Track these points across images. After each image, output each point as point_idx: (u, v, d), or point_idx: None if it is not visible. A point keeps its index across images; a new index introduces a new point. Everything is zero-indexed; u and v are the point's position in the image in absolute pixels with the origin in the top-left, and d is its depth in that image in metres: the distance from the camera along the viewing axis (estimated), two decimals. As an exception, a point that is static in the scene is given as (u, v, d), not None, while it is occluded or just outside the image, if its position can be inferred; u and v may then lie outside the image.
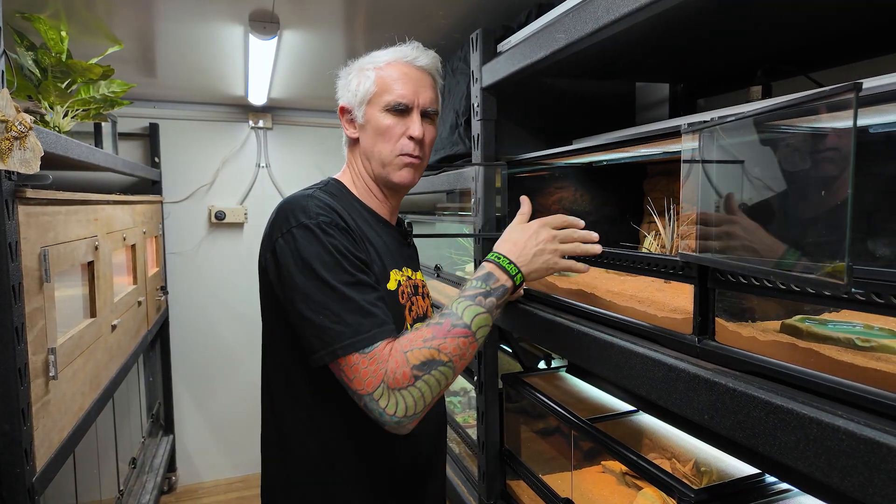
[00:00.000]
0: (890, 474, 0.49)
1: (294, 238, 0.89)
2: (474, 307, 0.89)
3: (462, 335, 0.86)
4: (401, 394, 0.83)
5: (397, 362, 0.84)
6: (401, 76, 1.03)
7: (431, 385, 0.85)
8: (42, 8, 1.57)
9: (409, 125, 1.03)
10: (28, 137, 1.03)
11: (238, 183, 3.28)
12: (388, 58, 1.05)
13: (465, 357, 0.87)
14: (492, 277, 0.92)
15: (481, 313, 0.88)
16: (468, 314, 0.88)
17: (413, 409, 0.84)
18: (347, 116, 1.08)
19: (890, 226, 0.73)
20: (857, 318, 0.62)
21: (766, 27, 0.95)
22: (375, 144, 1.04)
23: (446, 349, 0.85)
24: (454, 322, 0.87)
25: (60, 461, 1.24)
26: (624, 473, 1.16)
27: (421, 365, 0.84)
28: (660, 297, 0.90)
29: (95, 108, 1.80)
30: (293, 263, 0.89)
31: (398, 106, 1.02)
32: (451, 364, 0.86)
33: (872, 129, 0.68)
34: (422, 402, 0.84)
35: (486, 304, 0.90)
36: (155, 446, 2.89)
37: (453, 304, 0.89)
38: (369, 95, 1.03)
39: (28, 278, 1.10)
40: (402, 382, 0.83)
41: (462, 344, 0.86)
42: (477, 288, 0.91)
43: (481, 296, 0.90)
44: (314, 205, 0.93)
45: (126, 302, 1.99)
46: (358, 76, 1.05)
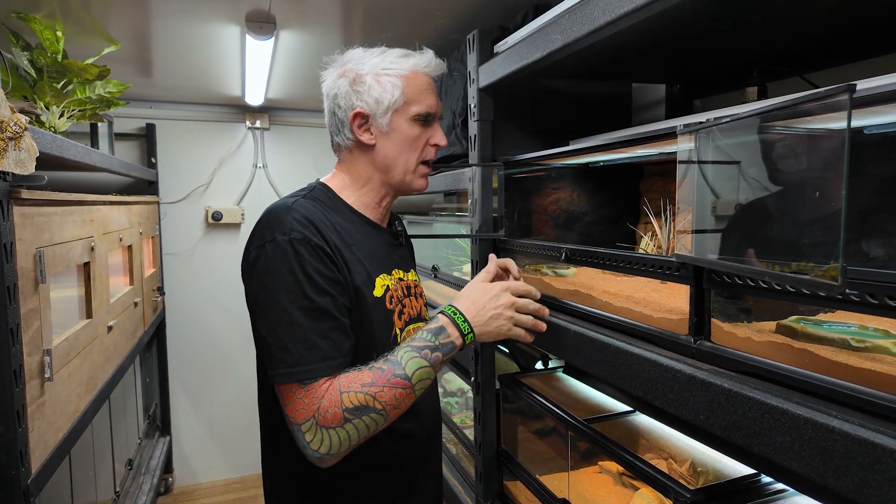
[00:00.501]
0: (885, 474, 0.49)
1: (266, 253, 0.90)
2: (419, 360, 0.90)
3: (401, 386, 0.88)
4: (328, 432, 0.85)
5: (331, 401, 0.85)
6: (427, 86, 1.05)
7: (360, 429, 0.86)
8: (38, 8, 1.57)
9: (432, 134, 1.06)
10: (23, 138, 1.03)
11: (235, 183, 3.27)
12: (411, 65, 1.03)
13: (400, 407, 0.89)
14: (443, 332, 0.94)
15: (424, 367, 0.90)
16: (411, 366, 0.89)
17: (337, 449, 0.85)
18: (362, 122, 1.03)
19: (884, 226, 0.73)
20: (852, 318, 0.62)
21: (761, 28, 0.95)
22: (402, 153, 1.04)
23: (382, 398, 0.87)
24: (396, 372, 0.88)
25: (56, 463, 1.24)
26: (621, 474, 1.16)
27: (354, 409, 0.85)
28: (656, 297, 0.90)
29: (91, 108, 1.79)
30: (259, 278, 0.91)
31: (430, 117, 1.04)
32: (383, 413, 0.87)
33: (867, 130, 0.68)
34: (347, 443, 0.86)
35: (430, 359, 0.91)
36: (151, 447, 2.88)
37: (399, 352, 0.91)
38: (397, 104, 1.02)
39: (23, 279, 1.09)
40: (331, 422, 0.85)
41: (399, 395, 0.88)
42: (426, 340, 0.92)
43: (428, 349, 0.91)
44: (292, 219, 0.93)
45: (122, 303, 1.98)
46: (378, 83, 1.01)
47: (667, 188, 1.27)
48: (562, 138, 1.40)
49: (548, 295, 1.20)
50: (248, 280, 0.93)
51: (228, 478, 3.34)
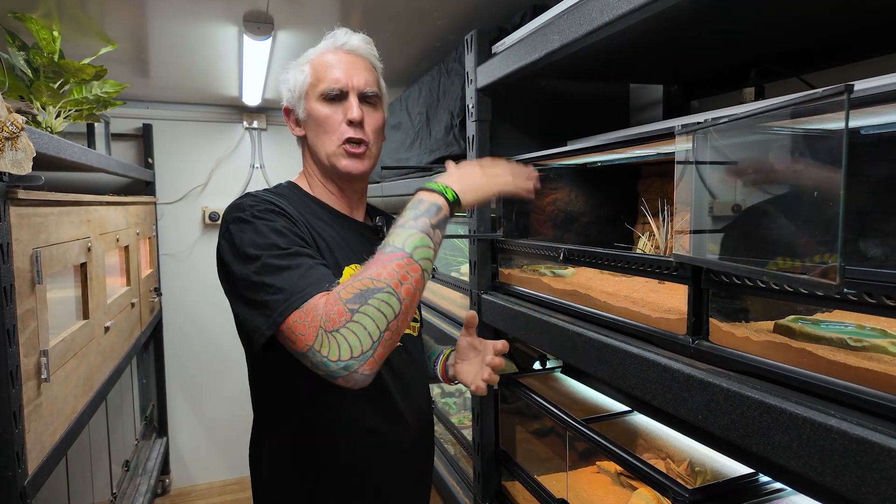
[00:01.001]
0: (882, 473, 0.49)
1: (230, 233, 0.88)
2: (404, 231, 0.83)
3: (396, 258, 0.79)
4: (340, 334, 0.75)
5: (330, 304, 0.77)
6: (333, 62, 1.02)
7: (373, 315, 0.76)
8: (34, 8, 1.56)
9: (346, 110, 1.00)
10: (20, 138, 1.03)
11: (232, 184, 3.26)
12: (321, 48, 1.04)
13: (408, 281, 0.79)
14: (421, 202, 0.88)
15: (414, 234, 0.82)
16: (399, 238, 0.82)
17: (359, 348, 0.75)
18: (292, 116, 1.07)
19: (881, 226, 0.74)
20: (850, 318, 0.63)
21: (758, 29, 0.96)
22: (318, 136, 1.02)
23: (381, 276, 0.78)
24: (385, 251, 0.81)
25: (53, 464, 1.23)
26: (619, 474, 1.17)
27: (354, 298, 0.76)
28: (654, 297, 0.90)
29: (88, 108, 1.79)
30: (231, 256, 0.87)
31: (332, 92, 1.00)
32: (389, 289, 0.77)
33: (864, 130, 0.68)
34: (367, 337, 0.75)
35: (418, 225, 0.84)
36: (148, 448, 2.87)
37: (385, 241, 0.84)
38: (305, 88, 1.02)
39: (20, 280, 1.09)
40: (337, 322, 0.75)
41: (398, 266, 0.79)
42: (406, 217, 0.86)
43: (411, 220, 0.85)
44: (250, 200, 0.92)
45: (119, 303, 1.98)
46: (294, 73, 1.04)
47: (664, 188, 1.28)
48: (560, 139, 1.40)
49: (546, 295, 1.20)
50: (221, 266, 0.90)
51: (226, 479, 3.33)
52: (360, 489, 1.00)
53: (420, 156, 1.94)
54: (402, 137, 2.16)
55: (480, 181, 0.94)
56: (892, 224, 0.72)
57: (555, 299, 1.16)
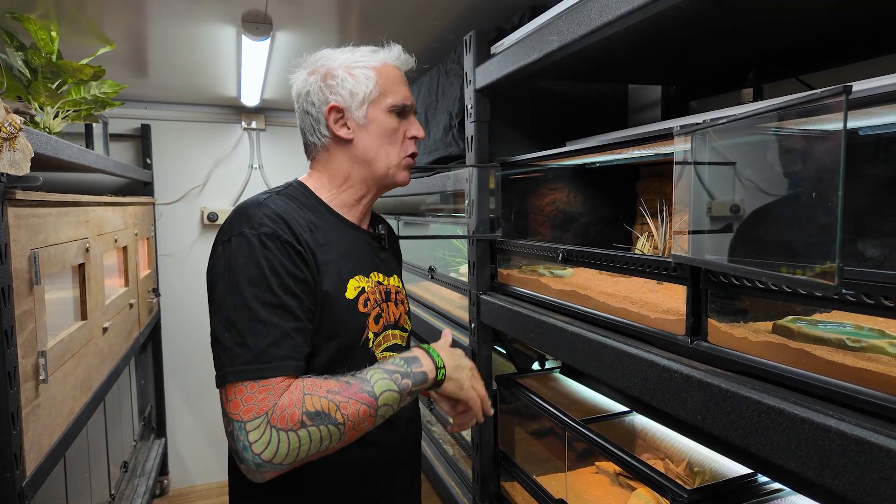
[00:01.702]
0: (881, 473, 0.49)
1: (231, 248, 0.87)
2: (388, 382, 0.86)
3: (365, 402, 0.83)
4: (279, 434, 0.77)
5: (291, 401, 0.79)
6: (400, 79, 1.04)
7: (314, 440, 0.79)
8: (32, 8, 1.56)
9: (409, 126, 1.04)
10: (18, 138, 1.03)
11: (231, 184, 3.26)
12: (382, 58, 1.03)
13: (358, 428, 0.84)
14: (416, 362, 0.91)
15: (391, 390, 0.86)
16: (380, 386, 0.85)
17: (283, 457, 0.77)
18: (338, 116, 1.01)
19: (880, 227, 0.74)
20: (848, 318, 0.63)
21: (757, 30, 0.96)
22: (382, 146, 1.02)
23: (346, 410, 0.81)
24: (363, 388, 0.84)
25: (51, 465, 1.23)
26: (617, 474, 1.17)
27: (314, 414, 0.79)
28: (653, 298, 0.90)
29: (86, 108, 1.78)
30: (222, 273, 0.86)
31: (406, 108, 1.03)
32: (342, 426, 0.81)
33: (862, 131, 0.69)
34: (295, 452, 0.78)
35: (400, 385, 0.87)
36: (147, 449, 2.87)
37: (369, 372, 0.87)
38: (372, 96, 1.00)
39: (18, 280, 1.09)
40: (287, 423, 0.78)
41: (362, 412, 0.83)
42: (398, 366, 0.89)
43: (399, 374, 0.88)
44: (261, 214, 0.89)
45: (117, 304, 1.98)
46: (351, 75, 1.00)
47: (663, 189, 1.28)
48: (558, 139, 1.40)
49: (545, 296, 1.20)
50: (210, 277, 0.89)
51: (224, 480, 3.31)
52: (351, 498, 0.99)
53: (419, 156, 1.94)
54: (400, 138, 2.15)
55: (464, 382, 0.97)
56: (891, 224, 0.73)
57: (553, 300, 1.16)
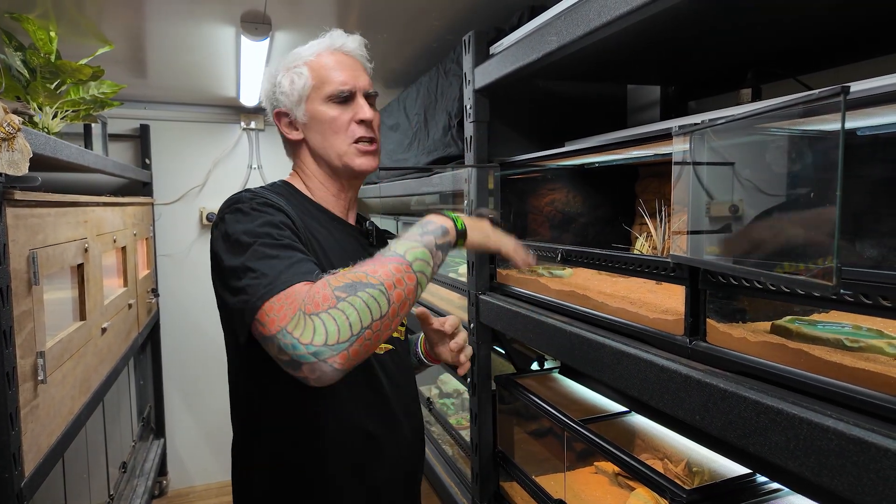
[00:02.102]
0: (878, 473, 0.50)
1: (224, 223, 0.87)
2: (408, 242, 0.81)
3: (394, 261, 0.77)
4: (320, 318, 0.69)
5: (317, 288, 0.73)
6: (336, 64, 1.01)
7: (359, 308, 0.70)
8: (31, 8, 1.56)
9: (356, 110, 1.00)
10: (16, 139, 1.02)
11: (230, 184, 3.26)
12: (316, 49, 1.03)
13: (402, 286, 0.75)
14: (429, 223, 0.86)
15: (415, 247, 0.80)
16: (401, 247, 0.80)
17: (335, 336, 0.68)
18: (286, 120, 1.05)
19: (878, 227, 0.74)
20: (846, 318, 0.63)
21: (755, 31, 0.96)
22: (326, 138, 1.01)
23: (376, 273, 0.74)
24: (385, 255, 0.79)
25: (49, 466, 1.23)
26: (616, 474, 1.17)
27: (345, 286, 0.72)
28: (651, 298, 0.90)
29: (85, 109, 1.78)
30: (223, 244, 0.85)
31: (342, 94, 1.00)
32: (382, 288, 0.73)
33: (860, 131, 0.69)
34: (347, 328, 0.69)
35: (423, 240, 0.82)
36: (146, 450, 2.87)
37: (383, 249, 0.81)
38: (307, 91, 1.00)
39: (16, 281, 1.09)
40: (320, 305, 0.70)
41: (395, 269, 0.75)
42: (412, 232, 0.84)
43: (417, 234, 0.83)
44: (248, 194, 0.91)
45: (116, 304, 1.97)
46: (288, 75, 1.02)
47: (662, 189, 1.28)
48: (557, 140, 1.40)
49: (544, 296, 1.20)
50: (213, 254, 0.88)
51: (223, 480, 3.33)
52: (356, 495, 0.99)
53: (418, 157, 1.94)
54: (399, 138, 2.16)
55: (489, 232, 0.93)
56: (889, 225, 0.73)
57: (552, 300, 1.16)
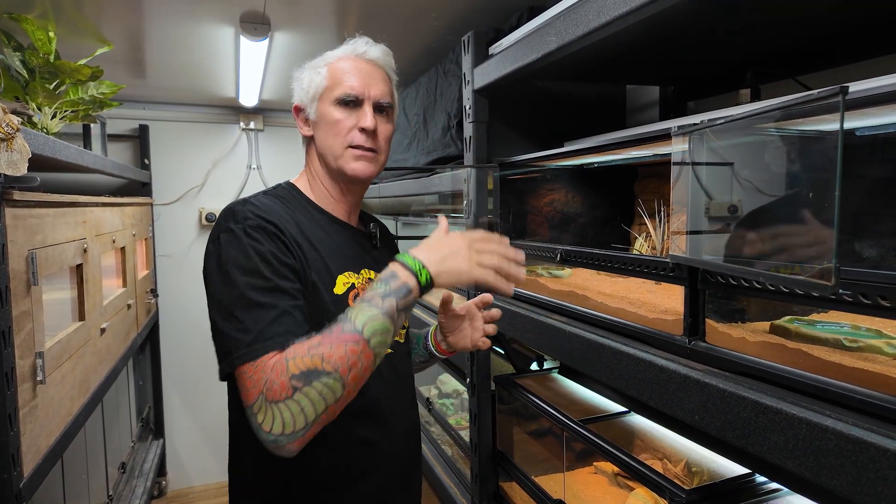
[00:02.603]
0: (877, 473, 0.50)
1: (219, 244, 0.89)
2: (369, 309, 0.81)
3: (351, 341, 0.78)
4: (277, 407, 0.76)
5: (278, 371, 0.77)
6: (351, 69, 1.02)
7: (313, 399, 0.76)
8: (29, 8, 1.56)
9: (360, 117, 1.01)
10: (15, 139, 1.02)
11: (229, 185, 3.26)
12: (340, 53, 1.05)
13: (357, 367, 0.79)
14: (394, 277, 0.85)
15: (375, 317, 0.81)
16: (361, 318, 0.80)
17: (291, 427, 0.76)
18: (302, 115, 1.07)
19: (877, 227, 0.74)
20: (845, 318, 0.63)
21: (754, 31, 0.96)
22: (327, 138, 1.02)
23: (331, 358, 0.77)
24: (344, 328, 0.80)
25: (48, 466, 1.23)
26: (616, 474, 1.17)
27: (301, 375, 0.77)
28: (651, 298, 0.90)
29: (84, 109, 1.78)
30: (214, 268, 0.89)
31: (348, 98, 1.00)
32: (336, 375, 0.77)
33: (859, 132, 0.69)
34: (302, 418, 0.76)
35: (383, 307, 0.82)
36: (145, 450, 2.86)
37: (349, 310, 0.82)
38: (321, 91, 1.02)
39: (15, 281, 1.08)
40: (279, 394, 0.76)
41: (351, 352, 0.78)
42: (375, 290, 0.84)
43: (378, 297, 0.83)
44: (246, 210, 0.92)
45: (115, 305, 1.97)
46: (310, 74, 1.05)
47: (661, 189, 1.28)
48: (557, 140, 1.40)
49: (543, 296, 1.20)
50: (205, 274, 0.91)
51: (222, 480, 3.32)
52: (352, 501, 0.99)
53: (417, 157, 1.94)
54: (399, 138, 2.16)
55: (462, 266, 0.88)
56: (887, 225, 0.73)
57: (552, 300, 1.16)
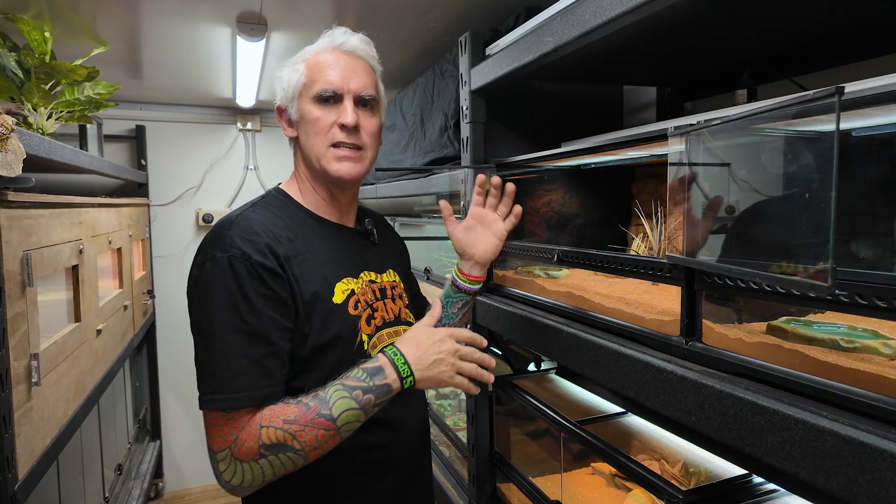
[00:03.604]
0: (874, 474, 0.50)
1: (204, 271, 0.89)
2: (348, 400, 0.84)
3: (323, 427, 0.83)
4: (241, 465, 0.83)
5: (249, 434, 0.82)
6: (329, 63, 0.98)
7: (275, 466, 0.83)
8: (25, 8, 1.55)
9: (339, 113, 0.96)
10: (10, 140, 1.02)
11: (226, 186, 3.25)
12: (317, 47, 1.01)
13: (322, 448, 0.85)
14: (380, 373, 0.87)
15: (353, 409, 0.84)
16: (338, 406, 0.84)
17: (249, 483, 0.83)
18: (284, 116, 1.03)
19: (873, 228, 0.74)
20: (842, 319, 0.63)
21: (751, 32, 0.96)
22: (309, 138, 0.98)
23: (302, 437, 0.83)
24: (321, 411, 0.83)
25: (44, 469, 1.22)
26: (613, 475, 1.17)
27: (271, 446, 0.82)
28: (647, 299, 0.90)
29: (80, 109, 1.77)
30: (197, 298, 0.89)
31: (325, 93, 0.96)
32: (302, 453, 0.84)
33: (855, 132, 0.69)
34: (260, 478, 0.84)
35: (361, 401, 0.85)
36: (141, 452, 2.85)
37: (329, 389, 0.85)
38: (299, 88, 0.98)
39: (10, 282, 1.08)
40: (246, 456, 0.82)
41: (321, 437, 0.84)
42: (360, 380, 0.86)
43: (360, 390, 0.86)
44: (232, 234, 0.89)
45: (111, 306, 1.96)
46: (289, 71, 1.00)
47: (658, 190, 1.28)
48: (554, 140, 1.40)
49: (540, 297, 1.20)
50: (189, 299, 0.92)
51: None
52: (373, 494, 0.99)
53: (414, 157, 1.94)
54: (396, 139, 2.15)
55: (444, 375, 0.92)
56: (884, 225, 0.73)
57: (549, 301, 1.16)
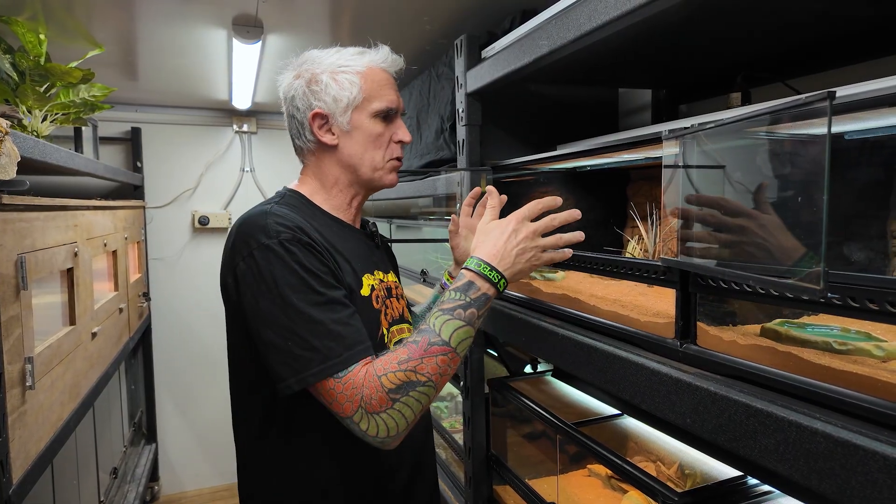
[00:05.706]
0: (867, 476, 0.50)
1: (256, 261, 0.86)
2: (453, 321, 0.85)
3: (440, 353, 0.83)
4: (380, 417, 0.82)
5: (372, 388, 0.82)
6: (386, 81, 1.03)
7: (412, 405, 0.83)
8: (20, 10, 1.55)
9: (395, 130, 1.04)
10: (4, 142, 1.02)
11: (222, 188, 3.25)
12: (367, 61, 1.02)
13: (447, 373, 0.85)
14: (472, 287, 0.87)
15: (461, 327, 0.85)
16: (447, 329, 0.84)
17: (395, 430, 0.83)
18: (322, 122, 1.02)
19: (865, 230, 0.75)
20: (835, 321, 0.63)
21: (745, 35, 0.97)
22: (366, 151, 1.02)
23: (423, 370, 0.82)
24: (431, 339, 0.83)
25: (38, 472, 1.21)
26: (609, 477, 1.17)
27: (397, 388, 0.82)
28: (643, 301, 0.91)
29: (75, 112, 1.77)
30: (256, 288, 0.86)
31: (390, 112, 1.02)
32: (430, 383, 0.83)
33: (847, 136, 0.69)
34: (403, 421, 0.83)
35: (465, 317, 0.85)
36: (137, 455, 2.84)
37: (430, 319, 0.85)
38: (356, 102, 1.00)
39: (4, 286, 1.08)
40: (379, 407, 0.82)
41: (441, 362, 0.83)
42: (456, 300, 0.86)
43: (461, 308, 0.86)
44: (273, 222, 0.89)
45: (107, 309, 1.96)
46: (335, 81, 1.00)
47: (653, 193, 1.28)
48: (549, 143, 1.41)
49: (536, 299, 1.20)
50: (240, 295, 0.89)
51: (216, 485, 3.30)
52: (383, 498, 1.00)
53: (410, 160, 1.94)
54: (392, 141, 2.15)
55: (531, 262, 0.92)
56: (876, 228, 0.73)
57: (545, 303, 1.16)
